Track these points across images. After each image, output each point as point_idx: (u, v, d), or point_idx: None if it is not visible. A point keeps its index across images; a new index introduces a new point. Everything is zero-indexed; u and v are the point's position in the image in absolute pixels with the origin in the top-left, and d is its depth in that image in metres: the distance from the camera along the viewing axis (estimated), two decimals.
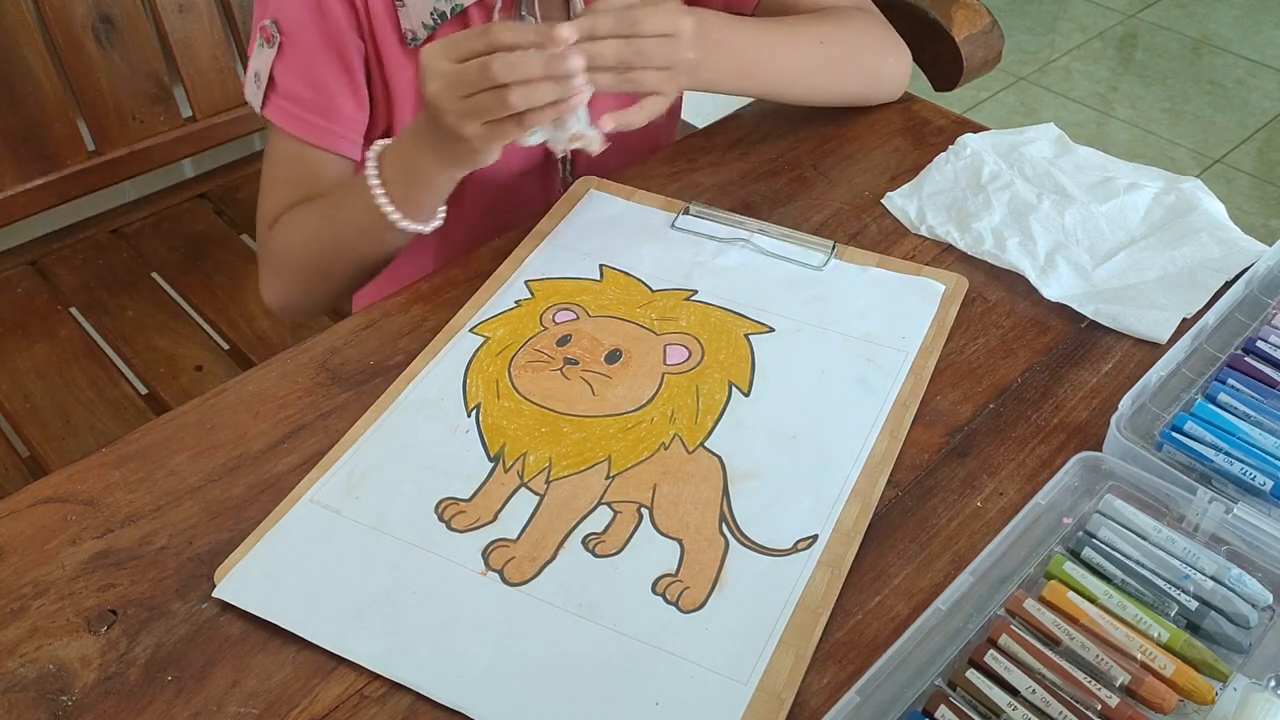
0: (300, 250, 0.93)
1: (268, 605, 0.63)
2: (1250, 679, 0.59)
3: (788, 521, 0.68)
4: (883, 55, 1.02)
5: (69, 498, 0.69)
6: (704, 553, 0.66)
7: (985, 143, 0.97)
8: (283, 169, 0.94)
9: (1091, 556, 0.64)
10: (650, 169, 0.98)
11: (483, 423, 0.74)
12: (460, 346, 0.79)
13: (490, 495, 0.69)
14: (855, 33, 0.98)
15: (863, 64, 1.01)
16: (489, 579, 0.65)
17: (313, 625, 0.62)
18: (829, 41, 0.96)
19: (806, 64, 0.96)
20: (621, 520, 0.68)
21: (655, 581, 0.65)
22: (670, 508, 0.68)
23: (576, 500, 0.69)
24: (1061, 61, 2.91)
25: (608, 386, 0.76)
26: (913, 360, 0.78)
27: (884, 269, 0.86)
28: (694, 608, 0.63)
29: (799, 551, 0.66)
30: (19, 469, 1.15)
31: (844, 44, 0.97)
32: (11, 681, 0.60)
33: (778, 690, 0.59)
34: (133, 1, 1.27)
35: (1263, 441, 0.71)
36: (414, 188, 0.84)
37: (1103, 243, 0.88)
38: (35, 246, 1.37)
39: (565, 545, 0.66)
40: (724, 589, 0.64)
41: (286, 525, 0.68)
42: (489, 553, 0.66)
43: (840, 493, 0.69)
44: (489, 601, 0.64)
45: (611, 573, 0.65)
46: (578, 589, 0.64)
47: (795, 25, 0.96)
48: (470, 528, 0.67)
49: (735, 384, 0.77)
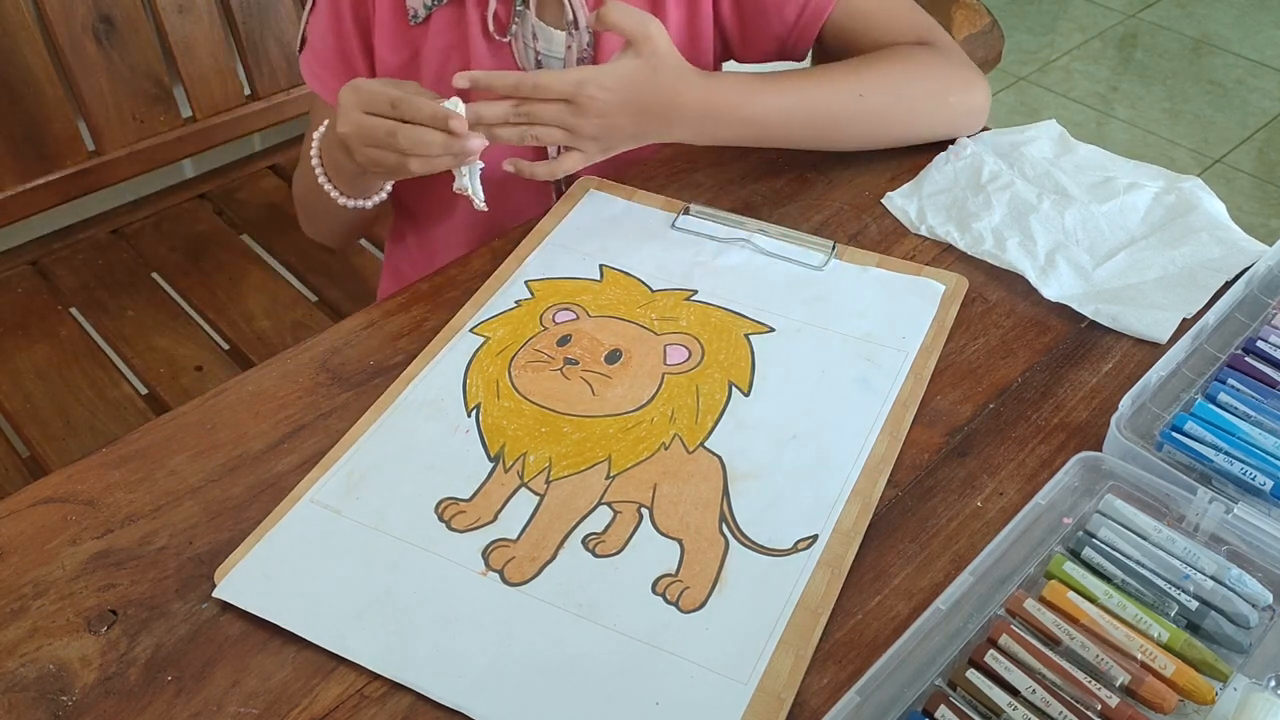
0: (300, 190, 1.06)
1: (268, 605, 0.63)
2: (1250, 679, 0.59)
3: (788, 521, 0.68)
4: (941, 97, 0.96)
5: (69, 498, 0.69)
6: (704, 553, 0.66)
7: (985, 143, 0.97)
8: (310, 116, 1.03)
9: (1091, 556, 0.64)
10: (650, 169, 0.98)
11: (483, 423, 0.74)
12: (460, 346, 0.79)
13: (490, 495, 0.69)
14: (905, 78, 0.94)
15: (915, 109, 0.96)
16: (489, 579, 0.65)
17: (312, 625, 0.62)
18: (870, 92, 0.92)
19: (834, 114, 0.93)
20: (621, 520, 0.68)
21: (655, 581, 0.65)
22: (670, 508, 0.68)
23: (576, 500, 0.69)
24: (1061, 61, 2.91)
25: (608, 386, 0.76)
26: (913, 360, 0.78)
27: (884, 269, 0.86)
28: (694, 608, 0.63)
29: (799, 551, 0.66)
30: (19, 469, 1.15)
31: (890, 91, 0.93)
32: (12, 681, 0.60)
33: (778, 690, 0.59)
34: (133, 1, 1.27)
35: (1263, 441, 0.71)
36: (346, 178, 0.93)
37: (1103, 243, 0.88)
38: (35, 246, 1.37)
39: (565, 545, 0.66)
40: (724, 589, 0.64)
41: (287, 525, 0.67)
42: (489, 553, 0.66)
43: (840, 493, 0.69)
44: (489, 601, 0.64)
45: (611, 573, 0.65)
46: (578, 589, 0.64)
47: (826, 76, 0.93)
48: (470, 528, 0.67)
49: (735, 384, 0.77)
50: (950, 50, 0.98)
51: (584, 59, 0.96)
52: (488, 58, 0.96)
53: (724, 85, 0.89)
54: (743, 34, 1.01)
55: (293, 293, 1.34)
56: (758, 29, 0.99)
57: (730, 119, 0.90)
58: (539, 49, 0.97)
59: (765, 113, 0.90)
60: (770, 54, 1.02)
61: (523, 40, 0.96)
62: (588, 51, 0.96)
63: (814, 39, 0.98)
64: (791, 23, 0.97)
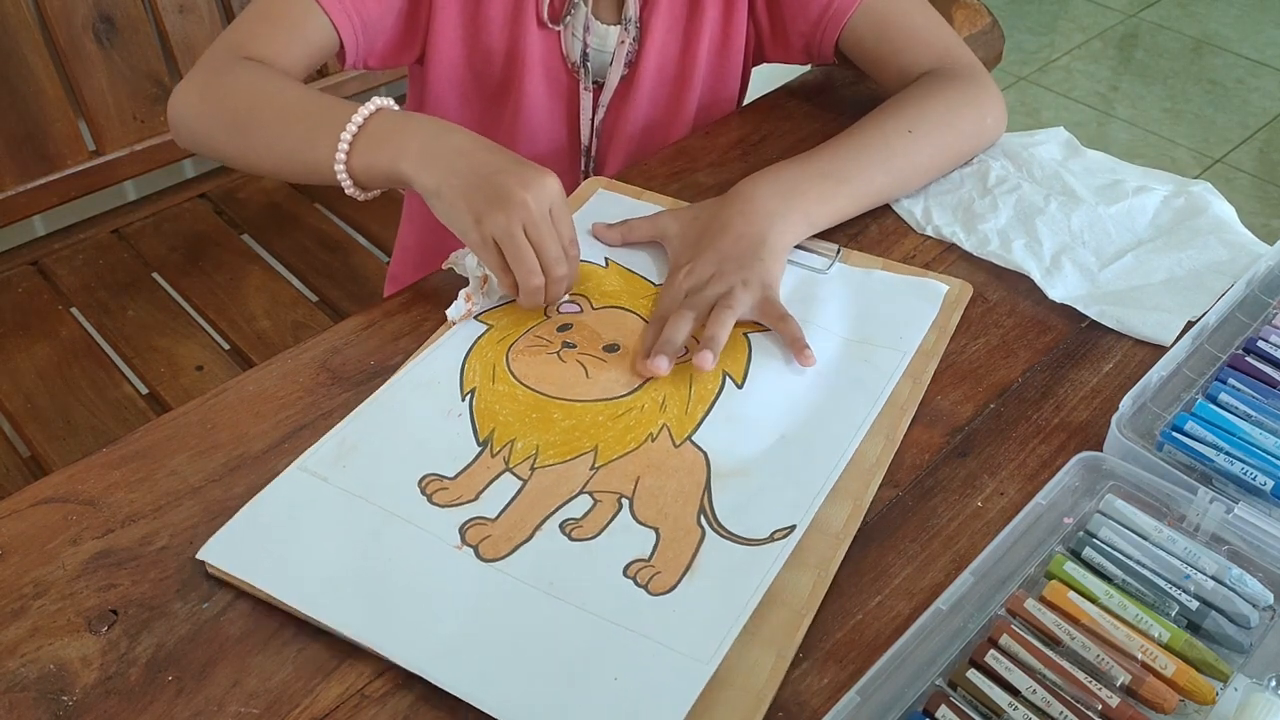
0: (245, 110, 0.87)
1: (248, 568, 0.63)
2: (1251, 679, 0.59)
3: (766, 514, 0.67)
4: (962, 129, 0.94)
5: (70, 498, 0.69)
6: (679, 541, 0.66)
7: (993, 146, 0.97)
8: (279, 9, 0.91)
9: (1092, 556, 0.64)
10: (651, 169, 0.98)
11: (475, 407, 0.74)
12: (463, 331, 0.80)
13: (474, 476, 0.70)
14: (945, 107, 0.93)
15: (965, 133, 0.95)
16: (463, 553, 0.65)
17: (289, 588, 0.63)
18: (916, 126, 0.91)
19: (890, 148, 0.91)
20: (601, 508, 0.68)
21: (627, 566, 0.65)
22: (651, 499, 0.68)
23: (559, 488, 0.69)
24: (1061, 61, 2.91)
25: (602, 369, 0.77)
26: (909, 360, 0.78)
27: (889, 273, 0.86)
28: (663, 591, 0.63)
29: (774, 541, 0.66)
30: (20, 469, 1.15)
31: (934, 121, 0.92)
32: (12, 681, 0.60)
33: (757, 688, 0.59)
34: (133, 1, 1.28)
35: (1263, 441, 0.71)
36: (383, 163, 0.80)
37: (1109, 245, 0.88)
38: (36, 246, 1.37)
39: (542, 528, 0.67)
40: (695, 575, 0.64)
41: (273, 490, 0.68)
42: (466, 529, 0.66)
43: (822, 486, 0.69)
44: (461, 575, 0.64)
45: (585, 555, 0.65)
46: (550, 569, 0.64)
47: (868, 122, 0.92)
48: (451, 504, 0.68)
49: (729, 375, 0.77)
50: (965, 75, 0.96)
51: (630, 56, 1.01)
52: (538, 42, 0.99)
53: (767, 173, 0.88)
54: (773, 29, 1.03)
55: (293, 293, 1.34)
56: (786, 24, 1.01)
57: (801, 177, 0.87)
58: (589, 41, 1.00)
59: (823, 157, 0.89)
60: (797, 52, 1.03)
61: (573, 31, 1.00)
62: (633, 47, 1.00)
63: (837, 38, 0.99)
64: (815, 19, 0.99)
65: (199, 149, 0.94)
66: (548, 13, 0.98)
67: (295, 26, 0.91)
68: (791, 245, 0.85)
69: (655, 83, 1.03)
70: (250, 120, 0.87)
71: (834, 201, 0.87)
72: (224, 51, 0.90)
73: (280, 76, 0.88)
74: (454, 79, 1.02)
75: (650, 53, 1.01)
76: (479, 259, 0.78)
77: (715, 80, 1.05)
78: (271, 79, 0.87)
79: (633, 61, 1.01)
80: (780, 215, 0.84)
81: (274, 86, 0.87)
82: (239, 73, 0.88)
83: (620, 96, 1.03)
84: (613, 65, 1.01)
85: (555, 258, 0.77)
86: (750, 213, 0.84)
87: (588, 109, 1.04)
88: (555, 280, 0.77)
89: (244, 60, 0.88)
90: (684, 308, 0.78)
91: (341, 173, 0.81)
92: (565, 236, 0.78)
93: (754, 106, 1.08)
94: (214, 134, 0.89)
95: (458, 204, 0.76)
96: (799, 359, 0.77)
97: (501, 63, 1.01)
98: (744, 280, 0.80)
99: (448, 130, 0.80)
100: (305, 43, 0.92)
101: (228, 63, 0.89)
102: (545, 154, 1.05)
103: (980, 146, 0.96)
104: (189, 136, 0.92)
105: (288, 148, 0.85)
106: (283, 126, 0.85)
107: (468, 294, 0.80)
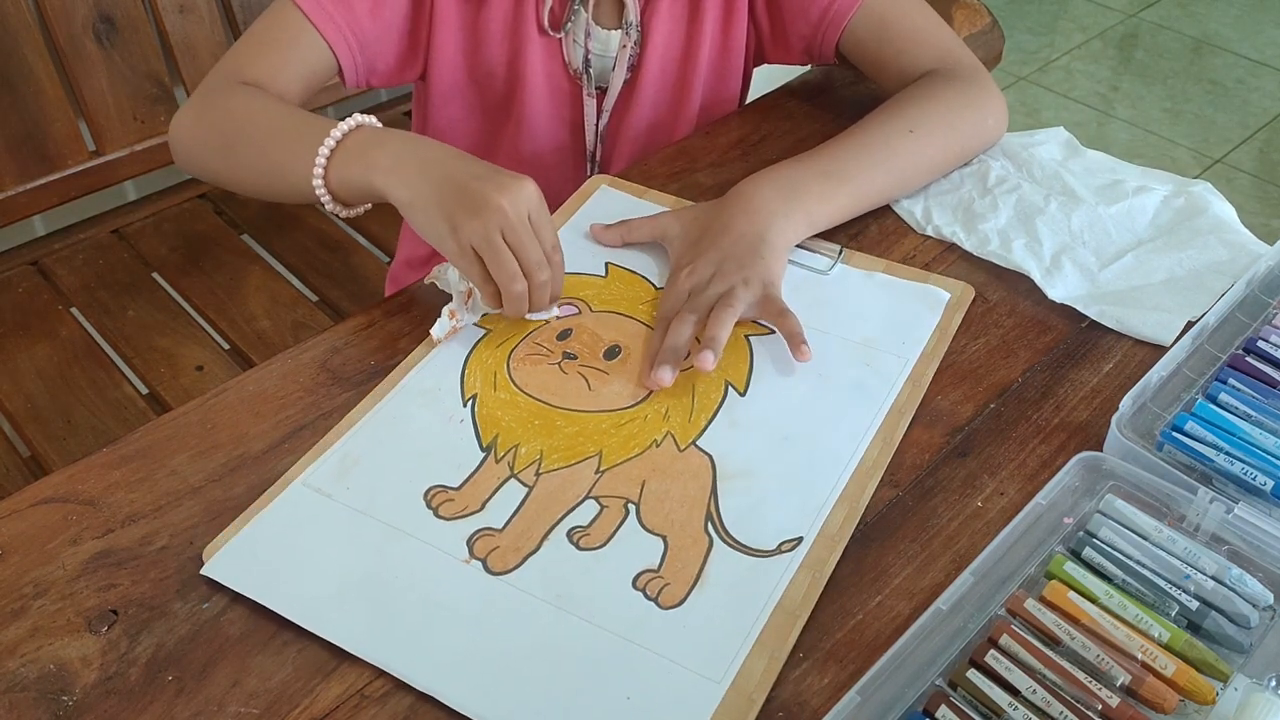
0: (234, 132, 0.87)
1: (253, 584, 0.63)
2: (1251, 679, 0.59)
3: (773, 523, 0.67)
4: (963, 130, 0.94)
5: (70, 498, 0.69)
6: (687, 550, 0.66)
7: (994, 146, 0.97)
8: (275, 33, 0.92)
9: (1092, 556, 0.64)
10: (651, 169, 0.98)
11: (477, 413, 0.74)
12: (461, 336, 0.79)
13: (479, 484, 0.69)
14: (946, 106, 0.93)
15: (964, 134, 0.95)
16: (471, 567, 0.65)
17: (294, 605, 0.62)
18: (917, 126, 0.91)
19: (891, 148, 0.91)
20: (607, 515, 0.68)
21: (636, 577, 0.65)
22: (657, 504, 0.68)
23: (564, 493, 0.69)
24: (1061, 61, 2.91)
25: (604, 383, 0.76)
26: (912, 367, 0.78)
27: (890, 275, 0.86)
28: (673, 604, 0.63)
29: (782, 553, 0.66)
30: (20, 469, 1.15)
31: (935, 120, 0.93)
32: (12, 681, 0.60)
33: (749, 690, 0.59)
34: (133, 1, 1.27)
35: (1263, 441, 0.71)
36: (356, 177, 0.80)
37: (1109, 245, 0.88)
38: (36, 246, 1.37)
39: (549, 537, 0.66)
40: (704, 587, 0.64)
41: (277, 508, 0.68)
42: (474, 541, 0.66)
43: (829, 497, 0.69)
44: (469, 589, 0.64)
45: (594, 566, 0.65)
46: (558, 581, 0.64)
47: (869, 122, 0.92)
48: (457, 516, 0.68)
49: (731, 383, 0.77)
50: (975, 73, 0.97)
51: (632, 60, 1.00)
52: (539, 51, 0.99)
53: (768, 173, 0.88)
54: (773, 31, 1.03)
55: (293, 293, 1.34)
56: (786, 26, 1.01)
57: (801, 175, 0.88)
58: (590, 47, 1.00)
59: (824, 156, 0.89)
60: (798, 53, 1.03)
61: (574, 38, 1.00)
62: (635, 51, 1.00)
63: (838, 39, 0.99)
64: (815, 21, 0.99)
65: (195, 172, 0.96)
66: (548, 20, 0.98)
67: (291, 48, 0.91)
68: (792, 244, 0.85)
69: (658, 86, 1.03)
70: (238, 141, 0.87)
71: (835, 201, 0.87)
72: (221, 77, 0.91)
73: (270, 99, 0.88)
74: (457, 92, 1.03)
75: (652, 56, 1.01)
76: (459, 271, 0.78)
77: (717, 81, 1.05)
78: (261, 101, 0.87)
79: (635, 65, 1.01)
80: (781, 214, 0.84)
81: (261, 108, 0.87)
82: (232, 97, 0.88)
83: (623, 101, 1.03)
84: (615, 70, 1.01)
85: (536, 262, 0.76)
86: (751, 212, 0.84)
87: (591, 115, 1.04)
88: (538, 285, 0.76)
89: (240, 85, 0.89)
90: (685, 311, 0.78)
91: (320, 188, 0.81)
92: (547, 242, 0.77)
93: (754, 106, 1.08)
94: (206, 157, 0.91)
95: (432, 213, 0.76)
96: (796, 354, 0.76)
97: (504, 74, 1.01)
98: (745, 279, 0.80)
99: (421, 143, 0.80)
100: (302, 64, 0.92)
101: (224, 87, 0.89)
102: (550, 161, 1.05)
103: (981, 147, 0.96)
104: (186, 160, 0.93)
105: (269, 166, 0.86)
106: (266, 146, 0.86)
107: (451, 310, 0.79)
